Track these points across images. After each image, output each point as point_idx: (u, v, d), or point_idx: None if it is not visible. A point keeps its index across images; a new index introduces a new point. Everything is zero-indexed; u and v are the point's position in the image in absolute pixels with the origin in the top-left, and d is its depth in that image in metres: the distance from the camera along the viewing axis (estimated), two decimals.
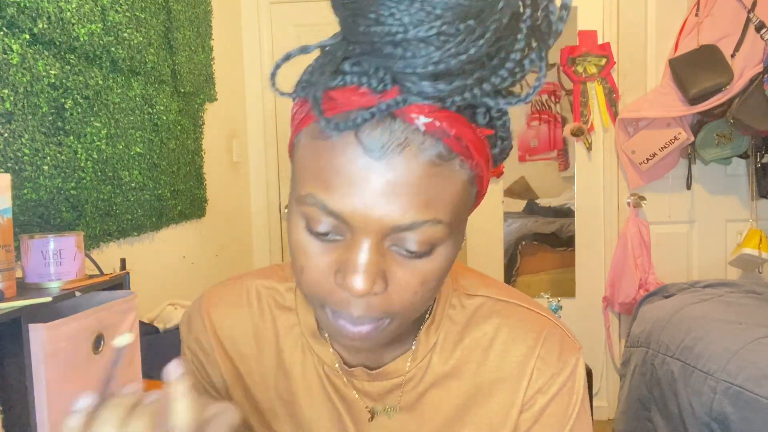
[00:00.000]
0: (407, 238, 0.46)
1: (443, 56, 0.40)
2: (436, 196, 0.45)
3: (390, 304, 0.48)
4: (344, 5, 0.43)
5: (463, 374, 0.61)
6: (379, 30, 0.41)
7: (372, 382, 0.61)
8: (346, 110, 0.44)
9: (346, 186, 0.44)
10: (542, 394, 0.60)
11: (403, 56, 0.41)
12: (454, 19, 0.40)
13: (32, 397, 0.86)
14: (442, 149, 0.45)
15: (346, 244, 0.47)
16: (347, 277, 0.46)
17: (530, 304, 0.64)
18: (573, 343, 0.62)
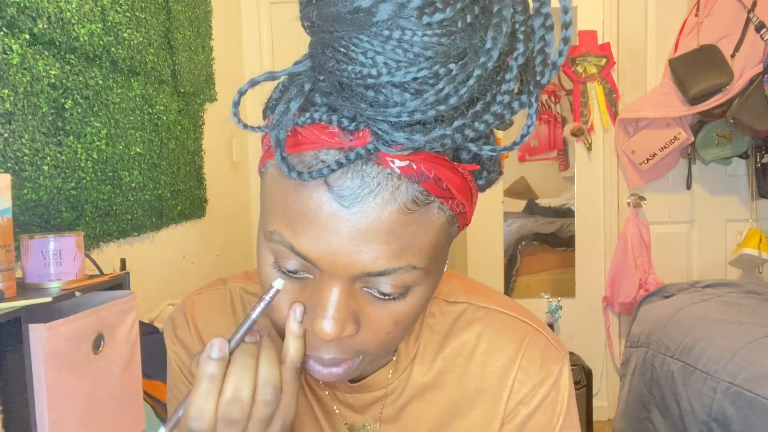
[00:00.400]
0: (380, 282, 0.44)
1: (419, 106, 0.36)
2: (410, 242, 0.42)
3: (362, 344, 0.47)
4: (313, 29, 0.39)
5: (444, 385, 0.59)
6: (349, 69, 0.37)
7: (353, 394, 0.59)
8: (314, 149, 0.41)
9: (313, 230, 0.41)
10: (524, 405, 0.58)
11: (375, 101, 0.37)
12: (432, 64, 0.36)
13: (32, 397, 0.86)
14: (418, 194, 0.41)
15: (315, 284, 0.45)
16: (316, 322, 0.44)
17: (513, 310, 0.61)
18: (557, 350, 0.59)
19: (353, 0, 0.35)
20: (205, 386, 0.44)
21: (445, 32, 0.35)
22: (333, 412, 0.60)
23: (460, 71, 0.36)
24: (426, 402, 0.59)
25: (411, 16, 0.35)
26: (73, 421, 0.91)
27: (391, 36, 0.35)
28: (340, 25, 0.36)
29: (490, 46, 0.36)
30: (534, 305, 2.72)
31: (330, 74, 0.38)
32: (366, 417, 0.60)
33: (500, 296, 0.64)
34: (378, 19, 0.35)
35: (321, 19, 0.37)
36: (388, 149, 0.39)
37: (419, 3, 0.35)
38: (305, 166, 0.41)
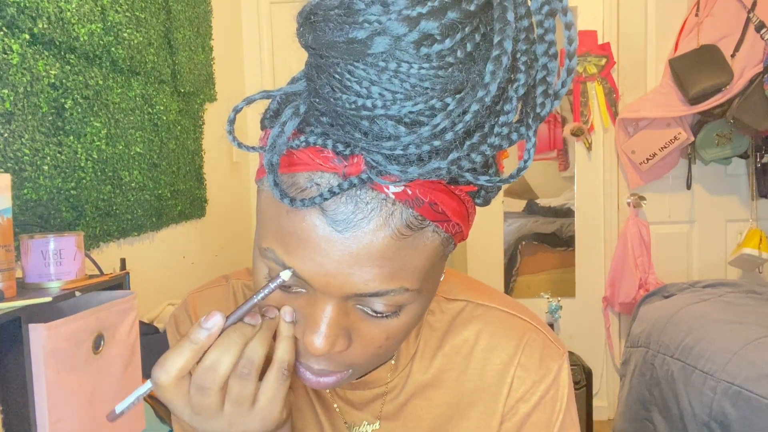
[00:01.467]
0: (373, 301, 0.44)
1: (415, 140, 0.36)
2: (403, 265, 0.42)
3: (352, 358, 0.47)
4: (308, 51, 0.39)
5: (444, 383, 0.59)
6: (344, 98, 0.36)
7: (354, 391, 0.59)
8: (307, 171, 0.41)
9: (306, 251, 0.41)
10: (524, 402, 0.58)
11: (369, 130, 0.37)
12: (429, 98, 0.35)
13: (32, 397, 0.86)
14: (412, 219, 0.41)
15: (308, 297, 0.45)
16: (307, 335, 0.44)
17: (512, 307, 0.61)
18: (556, 348, 0.60)
19: (348, 30, 0.34)
20: (183, 346, 0.44)
21: (443, 64, 0.35)
22: (333, 409, 0.60)
23: (457, 105, 0.35)
24: (426, 400, 0.59)
25: (408, 48, 0.34)
26: (73, 421, 0.91)
27: (387, 67, 0.34)
28: (334, 52, 0.36)
29: (488, 81, 0.35)
30: (534, 305, 2.72)
31: (324, 100, 0.38)
32: (366, 414, 0.60)
33: (499, 294, 0.64)
34: (374, 51, 0.34)
35: (316, 44, 0.37)
36: (381, 181, 0.39)
37: (416, 37, 0.34)
38: (298, 189, 0.41)
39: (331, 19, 0.35)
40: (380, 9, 0.34)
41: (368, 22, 0.34)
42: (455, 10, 0.34)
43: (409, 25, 0.33)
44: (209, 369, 0.44)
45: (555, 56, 0.37)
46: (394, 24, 0.33)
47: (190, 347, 0.44)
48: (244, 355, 0.45)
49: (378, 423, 0.59)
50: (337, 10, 0.35)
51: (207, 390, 0.44)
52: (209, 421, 0.45)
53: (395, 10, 0.33)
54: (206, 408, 0.45)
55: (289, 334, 0.47)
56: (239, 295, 0.64)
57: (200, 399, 0.44)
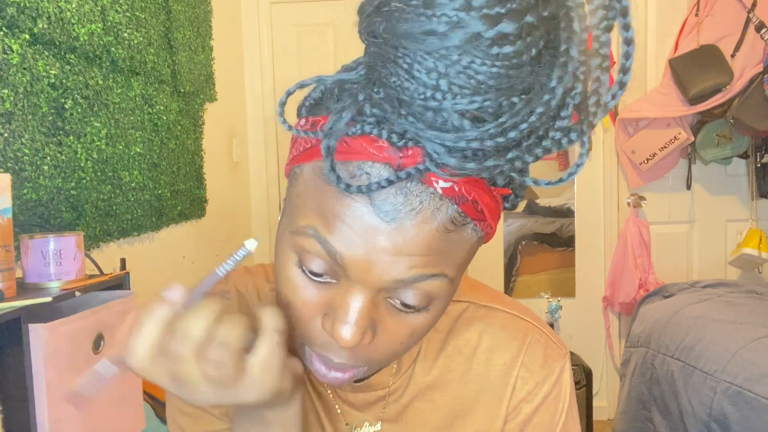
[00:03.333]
0: (407, 293, 0.44)
1: (479, 136, 0.36)
2: (444, 254, 0.43)
3: (373, 352, 0.47)
4: (373, 38, 0.39)
5: (446, 384, 0.59)
6: (411, 87, 0.37)
7: (356, 393, 0.59)
8: (360, 160, 0.41)
9: (350, 236, 0.41)
10: (527, 403, 0.58)
11: (433, 124, 0.37)
12: (498, 95, 0.36)
13: (32, 397, 0.86)
14: (456, 215, 0.42)
15: (339, 287, 0.44)
16: (336, 326, 0.43)
17: (515, 308, 0.62)
18: (558, 348, 0.60)
19: (428, 21, 0.35)
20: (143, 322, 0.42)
21: (513, 65, 0.35)
22: (335, 410, 0.60)
23: (524, 106, 0.36)
24: (429, 402, 0.59)
25: (482, 45, 0.35)
26: (73, 421, 0.91)
27: (459, 61, 0.35)
28: (408, 42, 0.36)
29: (554, 85, 0.36)
30: (534, 305, 2.72)
31: (389, 89, 0.38)
32: (368, 416, 0.59)
33: (501, 295, 0.64)
34: (449, 44, 0.35)
35: (389, 33, 0.37)
36: (438, 171, 0.39)
37: (493, 34, 0.34)
38: (349, 175, 0.41)
39: (408, 10, 0.35)
40: (462, 4, 0.34)
41: (448, 15, 0.34)
42: (532, 14, 0.35)
43: (489, 23, 0.34)
44: (181, 336, 0.41)
45: (607, 70, 0.37)
46: (474, 21, 0.34)
47: (152, 322, 0.41)
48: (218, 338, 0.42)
49: (380, 424, 0.59)
50: (416, 2, 0.35)
51: (182, 359, 0.41)
52: (195, 394, 0.43)
53: (477, 6, 0.34)
54: (187, 379, 0.42)
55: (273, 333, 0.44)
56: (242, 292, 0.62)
57: (178, 369, 0.41)
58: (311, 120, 0.45)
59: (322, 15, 2.73)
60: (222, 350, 0.41)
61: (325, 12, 2.73)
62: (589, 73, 0.37)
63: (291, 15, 2.77)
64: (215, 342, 0.41)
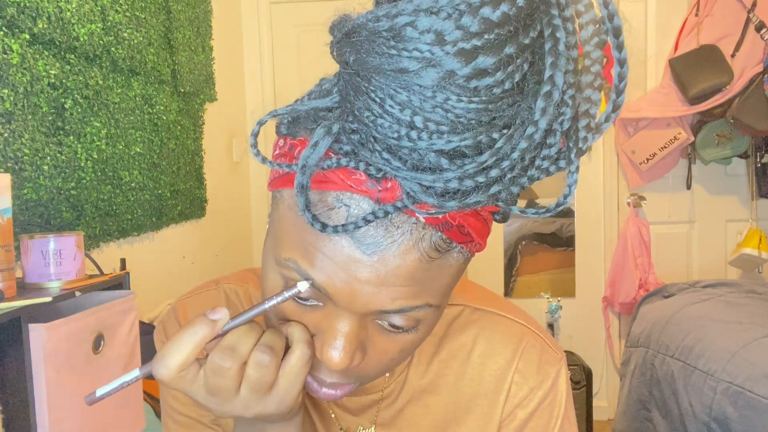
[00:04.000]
0: (393, 317, 0.43)
1: (458, 176, 0.34)
2: (429, 284, 0.42)
3: (365, 370, 0.47)
4: (345, 65, 0.36)
5: (440, 389, 0.58)
6: (384, 124, 0.35)
7: (350, 397, 0.58)
8: (338, 190, 0.39)
9: (332, 269, 0.40)
10: (522, 408, 0.57)
11: (408, 160, 0.35)
12: (477, 133, 0.34)
13: (32, 397, 0.86)
14: (440, 242, 0.41)
15: (326, 311, 0.44)
16: (325, 350, 0.43)
17: (510, 311, 0.61)
18: (554, 353, 0.59)
19: (399, 58, 0.33)
20: (181, 337, 0.42)
21: (493, 98, 0.33)
22: (329, 416, 0.60)
23: (506, 142, 0.34)
24: (423, 407, 0.58)
25: (459, 81, 0.33)
26: (73, 421, 0.91)
27: (434, 98, 0.33)
28: (379, 76, 0.34)
29: (538, 118, 0.34)
30: (534, 305, 2.72)
31: (363, 124, 0.36)
32: (362, 420, 0.59)
33: (496, 297, 0.63)
34: (422, 83, 0.33)
35: (359, 65, 0.35)
36: (417, 210, 0.38)
37: (469, 71, 0.32)
38: (326, 206, 0.40)
39: (378, 42, 0.33)
40: (434, 39, 0.32)
41: (420, 51, 0.32)
42: (512, 44, 0.33)
43: (465, 59, 0.32)
44: (228, 348, 0.42)
45: (600, 88, 0.36)
46: (448, 59, 0.32)
47: (190, 339, 0.42)
48: (263, 341, 0.43)
49: (373, 427, 0.59)
50: (385, 34, 0.33)
51: (225, 371, 0.42)
52: (225, 404, 0.44)
53: (451, 41, 0.32)
54: (222, 390, 0.43)
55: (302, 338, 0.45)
56: (234, 300, 0.62)
57: (217, 381, 0.42)
58: (289, 142, 0.43)
59: (322, 15, 2.70)
60: (266, 352, 0.43)
61: (325, 12, 2.69)
62: (580, 94, 0.35)
63: (291, 15, 2.77)
64: (260, 345, 0.43)
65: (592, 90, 0.36)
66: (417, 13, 0.32)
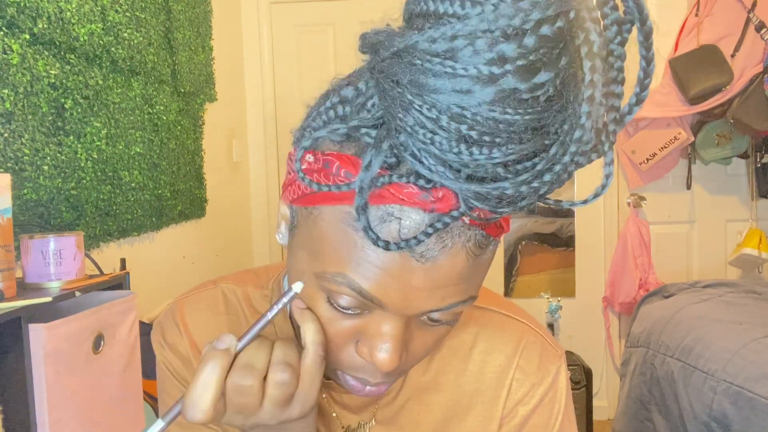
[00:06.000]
0: (437, 313, 0.45)
1: (515, 185, 0.36)
2: (473, 279, 0.44)
3: (406, 365, 0.48)
4: (394, 84, 0.36)
5: (441, 386, 0.59)
6: (440, 140, 0.35)
7: (350, 394, 0.58)
8: (389, 203, 0.40)
9: (385, 280, 0.41)
10: (523, 405, 0.58)
11: (464, 166, 0.36)
12: (533, 144, 0.35)
13: (32, 397, 0.86)
14: (482, 238, 0.42)
15: (372, 316, 0.45)
16: (375, 353, 0.44)
17: (510, 310, 0.62)
18: (554, 350, 0.60)
19: (459, 80, 0.33)
20: (204, 376, 0.43)
21: (544, 107, 0.35)
22: (330, 415, 0.60)
23: (558, 148, 0.35)
24: (423, 404, 0.59)
25: (517, 96, 0.34)
26: (73, 421, 0.91)
27: (489, 113, 0.34)
28: (435, 95, 0.34)
29: (584, 121, 0.35)
30: (534, 305, 2.72)
31: (417, 141, 0.37)
32: (362, 417, 0.59)
33: (497, 296, 0.64)
34: (482, 100, 0.33)
35: (414, 86, 0.35)
36: (473, 215, 0.39)
37: (529, 86, 0.33)
38: (378, 220, 0.40)
39: (434, 62, 0.34)
40: (494, 58, 0.33)
41: (479, 70, 0.33)
42: (566, 56, 0.34)
43: (526, 77, 0.33)
44: (246, 366, 0.44)
45: (622, 82, 0.37)
46: (508, 76, 0.33)
47: (214, 374, 0.43)
48: (275, 359, 0.45)
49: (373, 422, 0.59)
50: (443, 54, 0.34)
51: (248, 389, 0.44)
52: (250, 418, 0.45)
53: (511, 59, 0.33)
54: (247, 407, 0.44)
55: (312, 317, 0.46)
56: (232, 300, 0.62)
57: (241, 400, 0.44)
58: (321, 158, 0.43)
59: (322, 15, 2.73)
60: (285, 371, 0.44)
61: (325, 12, 2.73)
62: (608, 89, 0.37)
63: (291, 15, 2.77)
64: (277, 364, 0.44)
65: (616, 84, 0.37)
66: (475, 33, 0.33)
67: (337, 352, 0.47)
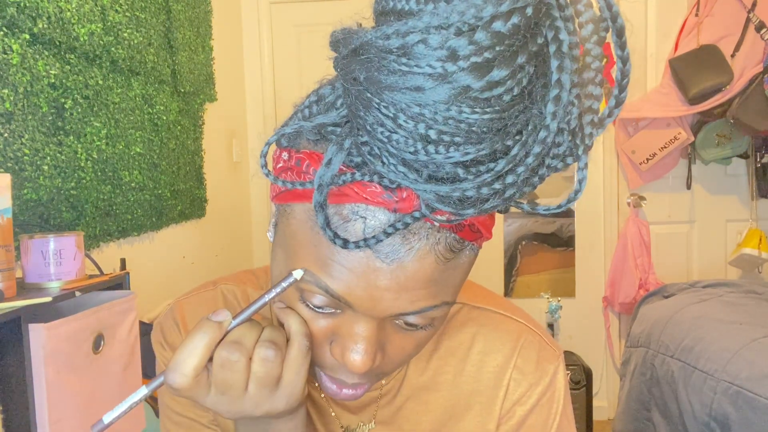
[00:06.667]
0: (410, 317, 0.44)
1: (475, 185, 0.35)
2: (445, 283, 0.43)
3: (383, 368, 0.48)
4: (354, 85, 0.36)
5: (440, 386, 0.59)
6: (398, 138, 0.35)
7: None
8: (354, 202, 0.40)
9: (351, 279, 0.41)
10: (521, 405, 0.58)
11: (423, 167, 0.36)
12: (492, 143, 0.34)
13: (32, 397, 0.86)
14: (454, 242, 0.42)
15: (345, 317, 0.44)
16: (347, 354, 0.44)
17: (508, 309, 0.61)
18: (552, 350, 0.60)
19: (412, 77, 0.33)
20: (192, 342, 0.43)
21: (505, 106, 0.34)
22: (329, 414, 0.60)
23: (520, 149, 0.35)
24: (422, 404, 0.59)
25: (473, 94, 0.33)
26: (73, 421, 0.91)
27: (448, 110, 0.33)
28: (391, 93, 0.34)
29: (549, 122, 0.34)
30: (534, 305, 2.72)
31: (376, 140, 0.36)
32: (361, 418, 0.59)
33: (495, 296, 0.64)
34: (436, 99, 0.33)
35: (370, 83, 0.35)
36: (435, 218, 0.39)
37: (483, 84, 0.32)
38: (342, 219, 0.40)
39: (389, 59, 0.33)
40: (446, 55, 0.32)
41: (432, 67, 0.32)
42: (523, 54, 0.33)
43: (479, 74, 0.32)
44: (234, 342, 0.43)
45: (601, 83, 0.36)
46: (462, 74, 0.32)
47: (201, 342, 0.43)
48: (265, 336, 0.45)
49: (372, 423, 0.59)
50: (396, 51, 0.33)
51: (234, 364, 0.43)
52: (234, 402, 0.44)
53: (464, 55, 0.32)
54: (231, 386, 0.44)
55: (295, 313, 0.46)
56: (231, 301, 0.62)
57: (226, 375, 0.43)
58: (295, 156, 0.43)
59: (322, 15, 2.73)
60: (270, 347, 0.44)
61: (325, 12, 2.73)
62: (583, 91, 0.36)
63: (291, 15, 2.77)
64: (263, 341, 0.44)
65: (594, 86, 0.36)
66: (428, 30, 0.32)
67: (314, 351, 0.47)
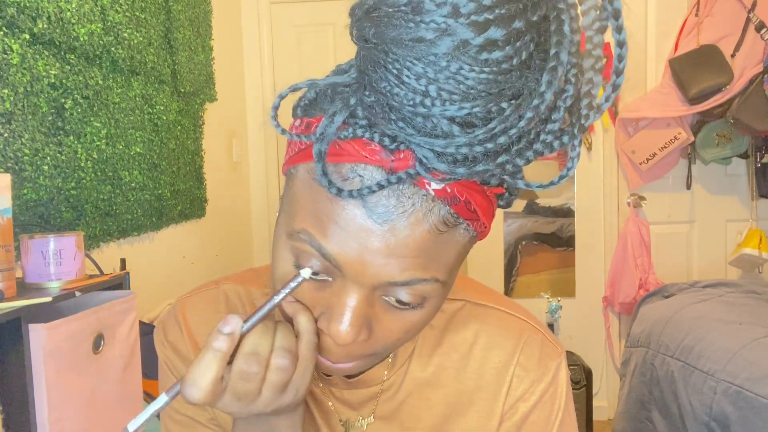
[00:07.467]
0: (400, 291, 0.44)
1: (468, 142, 0.37)
2: (436, 258, 0.44)
3: (371, 348, 0.48)
4: (364, 42, 0.39)
5: (442, 382, 0.59)
6: (400, 93, 0.37)
7: (350, 390, 0.59)
8: (352, 162, 0.41)
9: (343, 238, 0.42)
10: (523, 401, 0.58)
11: (422, 127, 0.38)
12: (487, 101, 0.36)
13: (32, 397, 0.86)
14: (449, 215, 0.42)
15: (335, 286, 0.45)
16: (332, 325, 0.44)
17: (510, 307, 0.62)
18: (554, 347, 0.60)
19: (416, 28, 0.35)
20: (207, 356, 0.44)
21: (502, 70, 0.36)
22: (328, 408, 0.60)
23: (514, 111, 0.36)
24: (424, 400, 0.59)
25: (471, 51, 0.35)
26: (73, 421, 0.91)
27: (447, 67, 0.35)
28: (396, 48, 0.36)
29: (544, 90, 0.36)
30: (534, 305, 2.72)
31: (380, 94, 0.38)
32: (362, 413, 0.59)
33: (497, 294, 0.64)
34: (438, 51, 0.35)
35: (378, 38, 0.37)
36: (428, 176, 0.40)
37: (482, 41, 0.35)
38: (341, 177, 0.42)
39: (397, 16, 0.36)
40: (450, 11, 0.34)
41: (436, 22, 0.34)
42: (521, 20, 0.35)
43: (477, 30, 0.34)
44: (252, 354, 0.44)
45: (600, 71, 0.38)
46: (462, 28, 0.34)
47: (216, 356, 0.43)
48: (277, 344, 0.45)
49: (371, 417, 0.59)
50: (404, 8, 0.35)
51: (253, 376, 0.44)
52: (249, 406, 0.46)
53: (465, 13, 0.34)
54: (247, 393, 0.45)
55: (304, 307, 0.47)
56: (234, 300, 0.63)
57: (243, 386, 0.44)
58: (306, 121, 0.45)
59: (322, 15, 2.73)
60: (286, 356, 0.45)
61: (325, 12, 2.73)
62: (582, 75, 0.38)
63: (291, 15, 2.77)
64: (278, 349, 0.45)
65: (594, 72, 0.38)
66: None
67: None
